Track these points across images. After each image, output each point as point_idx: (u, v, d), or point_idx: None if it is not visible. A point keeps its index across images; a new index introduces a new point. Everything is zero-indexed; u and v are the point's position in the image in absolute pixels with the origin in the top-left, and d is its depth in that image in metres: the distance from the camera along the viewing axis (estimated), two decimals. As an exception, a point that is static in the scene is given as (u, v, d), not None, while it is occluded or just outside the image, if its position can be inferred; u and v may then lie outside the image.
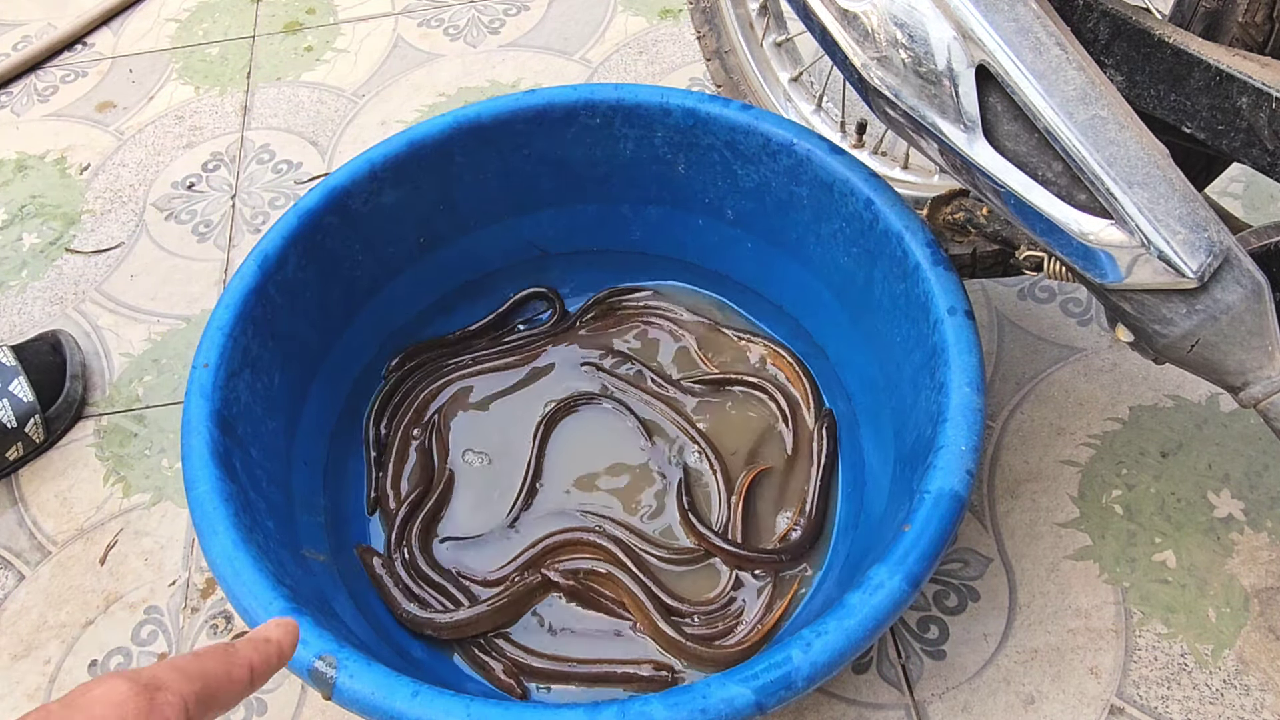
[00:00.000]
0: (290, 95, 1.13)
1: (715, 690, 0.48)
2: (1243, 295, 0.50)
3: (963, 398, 0.58)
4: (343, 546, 0.71)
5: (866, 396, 0.73)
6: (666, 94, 0.74)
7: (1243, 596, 0.70)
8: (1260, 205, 0.92)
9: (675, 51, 1.13)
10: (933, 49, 0.52)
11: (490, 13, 1.21)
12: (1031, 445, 0.79)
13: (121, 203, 1.03)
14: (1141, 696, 0.67)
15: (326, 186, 0.72)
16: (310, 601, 0.56)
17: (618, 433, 0.77)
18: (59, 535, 0.79)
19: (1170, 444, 0.78)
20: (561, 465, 0.76)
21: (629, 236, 0.84)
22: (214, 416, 0.61)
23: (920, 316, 0.64)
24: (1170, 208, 0.49)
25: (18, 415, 0.81)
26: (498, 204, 0.80)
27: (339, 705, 0.50)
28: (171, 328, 0.92)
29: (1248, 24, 0.54)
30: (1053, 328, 0.85)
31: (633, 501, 0.74)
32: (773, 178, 0.73)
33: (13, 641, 0.74)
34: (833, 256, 0.73)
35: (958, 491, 0.55)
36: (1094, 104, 0.50)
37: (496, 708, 0.49)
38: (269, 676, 0.36)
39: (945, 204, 0.71)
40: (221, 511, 0.57)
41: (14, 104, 1.15)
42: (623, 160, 0.78)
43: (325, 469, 0.73)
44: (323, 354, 0.75)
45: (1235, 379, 0.52)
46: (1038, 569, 0.72)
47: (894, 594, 0.51)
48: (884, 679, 0.68)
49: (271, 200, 1.02)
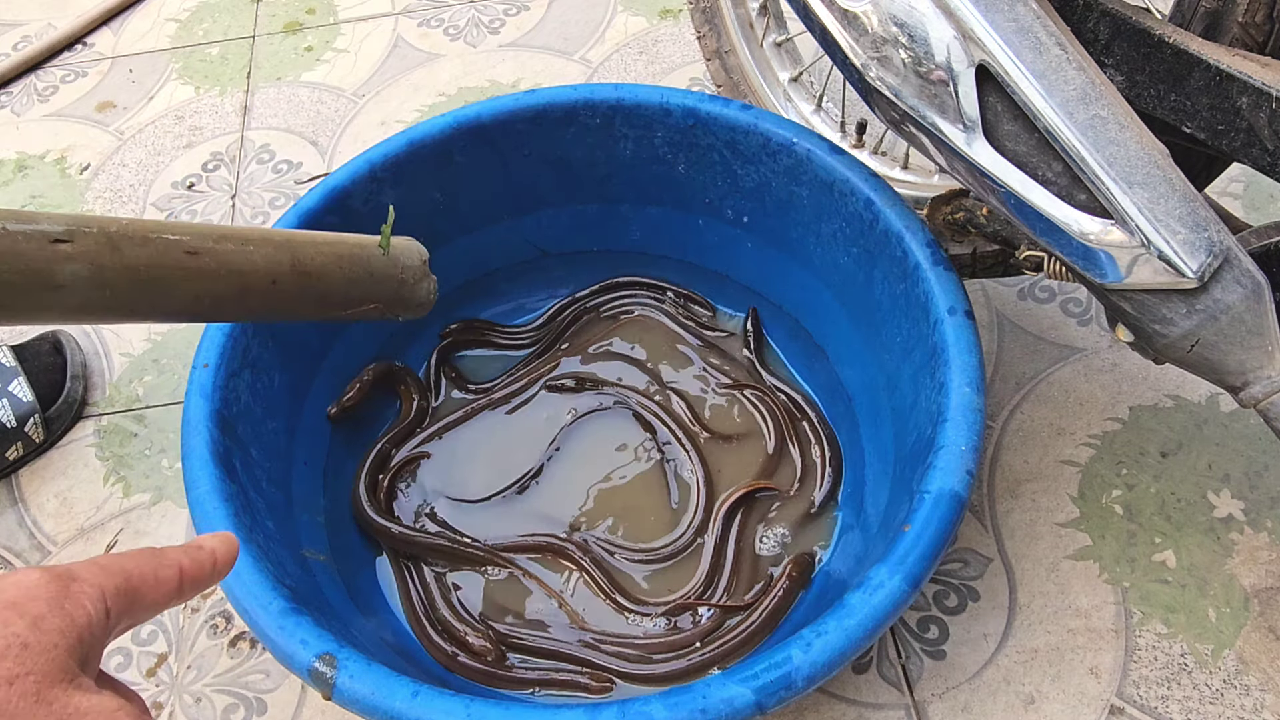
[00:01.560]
0: (290, 95, 1.12)
1: (715, 690, 0.48)
2: (1243, 295, 0.50)
3: (963, 398, 0.58)
4: (343, 546, 0.71)
5: (866, 396, 0.73)
6: (666, 94, 0.74)
7: (1243, 596, 0.70)
8: (1260, 205, 0.92)
9: (675, 51, 1.13)
10: (932, 49, 0.52)
11: (490, 13, 1.21)
12: (1031, 445, 0.79)
13: (121, 203, 1.03)
14: (1141, 696, 0.67)
15: (326, 186, 0.72)
16: (310, 601, 0.56)
17: (628, 434, 0.78)
18: (59, 535, 0.79)
19: (1170, 444, 0.78)
20: (569, 461, 0.77)
21: (629, 236, 0.84)
22: (214, 416, 0.61)
23: (920, 316, 0.64)
24: (1170, 208, 0.49)
25: (18, 415, 0.81)
26: (498, 204, 0.80)
27: (339, 705, 0.50)
28: (171, 328, 0.92)
29: (1248, 24, 0.54)
30: (1053, 328, 0.85)
31: (633, 499, 0.74)
32: (773, 178, 0.73)
33: (13, 641, 0.74)
34: (833, 256, 0.73)
35: (958, 491, 0.55)
36: (1094, 104, 0.50)
37: (496, 708, 0.49)
38: (202, 586, 0.35)
39: (945, 204, 0.71)
40: (221, 511, 0.57)
41: (14, 104, 1.15)
42: (623, 160, 0.78)
43: (325, 469, 0.73)
44: (323, 354, 0.75)
45: (1235, 379, 0.52)
46: (1038, 569, 0.72)
47: (894, 594, 0.51)
48: (884, 679, 0.68)
49: (271, 200, 1.02)
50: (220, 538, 0.36)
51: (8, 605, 0.28)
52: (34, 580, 0.29)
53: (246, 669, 0.71)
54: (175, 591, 0.33)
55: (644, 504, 0.74)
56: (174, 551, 0.34)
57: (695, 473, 0.74)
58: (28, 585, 0.29)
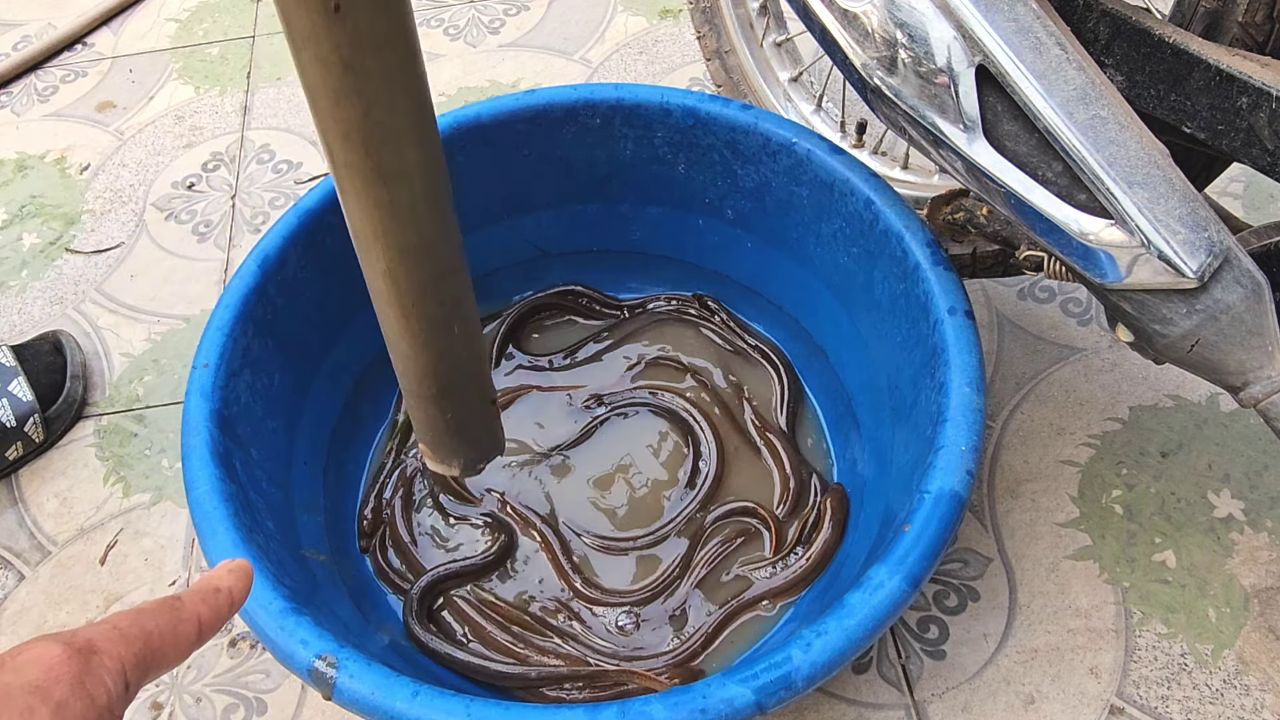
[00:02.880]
0: (290, 95, 1.12)
1: (715, 690, 0.48)
2: (1243, 295, 0.50)
3: (963, 398, 0.58)
4: (343, 547, 0.71)
5: (866, 396, 0.73)
6: (666, 94, 0.74)
7: (1243, 596, 0.70)
8: (1260, 205, 0.92)
9: (675, 51, 1.13)
10: (933, 49, 0.52)
11: (490, 13, 1.21)
12: (1031, 445, 0.79)
13: (121, 203, 1.03)
14: (1141, 696, 0.67)
15: (326, 186, 0.72)
16: (310, 601, 0.56)
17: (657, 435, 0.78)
18: (59, 535, 0.79)
19: (1170, 444, 0.78)
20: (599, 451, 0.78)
21: (629, 236, 0.84)
22: (214, 416, 0.61)
23: (920, 316, 0.64)
24: (1170, 208, 0.49)
25: (17, 415, 0.81)
26: (498, 204, 0.80)
27: (339, 705, 0.50)
28: (171, 328, 0.92)
29: (1248, 24, 0.54)
30: (1053, 328, 0.85)
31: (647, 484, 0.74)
32: (773, 178, 0.73)
33: (13, 641, 0.74)
34: (833, 256, 0.73)
35: (958, 491, 0.55)
36: (1094, 104, 0.50)
37: (496, 708, 0.49)
38: (220, 627, 0.34)
39: (945, 204, 0.71)
40: (221, 511, 0.57)
41: (14, 104, 1.15)
42: (623, 160, 0.78)
43: (325, 469, 0.73)
44: (323, 354, 0.75)
45: (1235, 379, 0.52)
46: (1038, 569, 0.72)
47: (894, 594, 0.51)
48: (884, 679, 0.68)
49: (271, 200, 1.02)
50: (235, 573, 0.35)
51: (31, 690, 0.27)
52: (54, 658, 0.28)
53: (246, 669, 0.71)
54: (194, 644, 0.32)
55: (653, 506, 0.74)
56: (192, 601, 0.33)
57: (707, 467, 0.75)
58: (48, 664, 0.28)
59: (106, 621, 0.30)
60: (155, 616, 0.31)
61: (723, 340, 0.83)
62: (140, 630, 0.31)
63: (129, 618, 0.31)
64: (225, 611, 0.34)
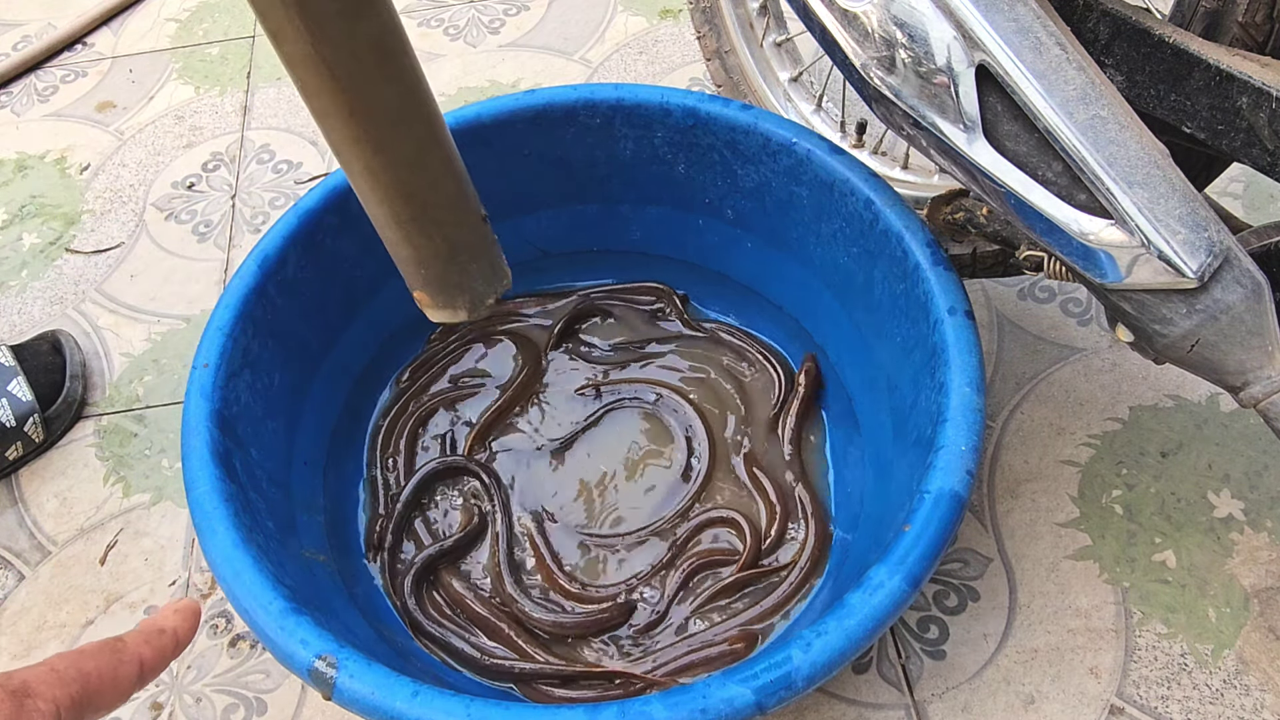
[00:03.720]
0: (290, 95, 1.12)
1: (715, 690, 0.48)
2: (1243, 295, 0.50)
3: (963, 398, 0.58)
4: (343, 546, 0.71)
5: (866, 396, 0.73)
6: (666, 94, 0.74)
7: (1243, 596, 0.70)
8: (1260, 205, 0.92)
9: (675, 51, 1.13)
10: (933, 49, 0.52)
11: (490, 13, 1.21)
12: (1031, 445, 0.79)
13: (121, 203, 1.03)
14: (1141, 696, 0.67)
15: (326, 186, 0.72)
16: (310, 601, 0.56)
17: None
18: (59, 535, 0.79)
19: (1170, 444, 0.78)
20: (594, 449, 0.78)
21: (629, 236, 0.84)
22: (214, 416, 0.61)
23: (920, 316, 0.64)
24: (1170, 208, 0.49)
25: (17, 415, 0.81)
26: (497, 204, 0.80)
27: (339, 705, 0.50)
28: (171, 328, 0.92)
29: (1248, 24, 0.54)
30: (1053, 328, 0.85)
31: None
32: (773, 178, 0.73)
33: (13, 641, 0.74)
34: (833, 256, 0.73)
35: (958, 491, 0.55)
36: (1094, 104, 0.50)
37: (496, 708, 0.49)
38: (164, 668, 0.34)
39: (945, 204, 0.71)
40: (221, 511, 0.57)
41: (14, 104, 1.15)
42: (623, 160, 0.78)
43: (325, 469, 0.73)
44: (323, 354, 0.75)
45: (1235, 379, 0.52)
46: (1038, 569, 0.72)
47: (894, 594, 0.51)
48: (884, 679, 0.68)
49: (271, 200, 1.02)
50: (181, 613, 0.35)
51: None
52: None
53: (246, 669, 0.71)
54: (134, 685, 0.32)
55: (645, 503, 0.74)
56: (135, 642, 0.33)
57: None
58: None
59: (44, 663, 0.30)
60: (95, 658, 0.31)
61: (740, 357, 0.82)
62: (78, 672, 0.31)
63: (67, 659, 0.31)
64: (170, 652, 0.34)
